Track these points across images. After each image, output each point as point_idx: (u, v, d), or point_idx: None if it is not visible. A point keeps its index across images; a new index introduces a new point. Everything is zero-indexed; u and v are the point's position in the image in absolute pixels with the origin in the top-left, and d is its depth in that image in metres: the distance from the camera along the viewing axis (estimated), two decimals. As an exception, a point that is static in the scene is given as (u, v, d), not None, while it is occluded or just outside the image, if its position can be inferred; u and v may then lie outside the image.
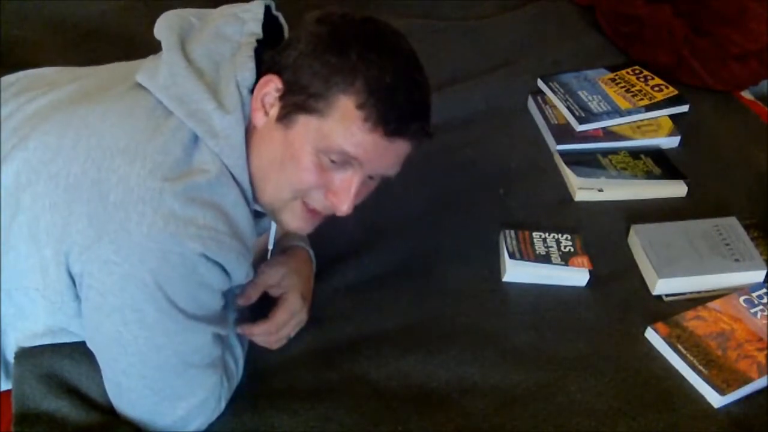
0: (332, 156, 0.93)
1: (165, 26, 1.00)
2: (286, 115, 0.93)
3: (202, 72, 0.95)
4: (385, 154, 0.94)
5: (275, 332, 1.12)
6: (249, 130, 0.96)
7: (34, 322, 1.02)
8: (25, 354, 1.05)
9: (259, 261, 1.14)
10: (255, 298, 1.12)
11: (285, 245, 1.19)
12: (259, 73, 0.96)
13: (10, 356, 1.06)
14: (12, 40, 1.80)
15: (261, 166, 0.96)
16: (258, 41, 0.98)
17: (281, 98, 0.94)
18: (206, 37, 0.99)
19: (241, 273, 0.97)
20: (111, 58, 1.14)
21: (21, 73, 1.13)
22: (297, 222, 1.01)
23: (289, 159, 0.94)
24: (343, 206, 0.96)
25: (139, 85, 0.97)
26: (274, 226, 1.11)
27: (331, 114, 0.91)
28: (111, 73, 1.07)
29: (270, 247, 1.14)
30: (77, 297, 0.95)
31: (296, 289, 1.13)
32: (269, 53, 0.97)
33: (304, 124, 0.93)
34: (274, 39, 1.00)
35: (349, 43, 0.91)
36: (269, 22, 1.02)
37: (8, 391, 1.06)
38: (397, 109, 0.92)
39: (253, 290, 1.11)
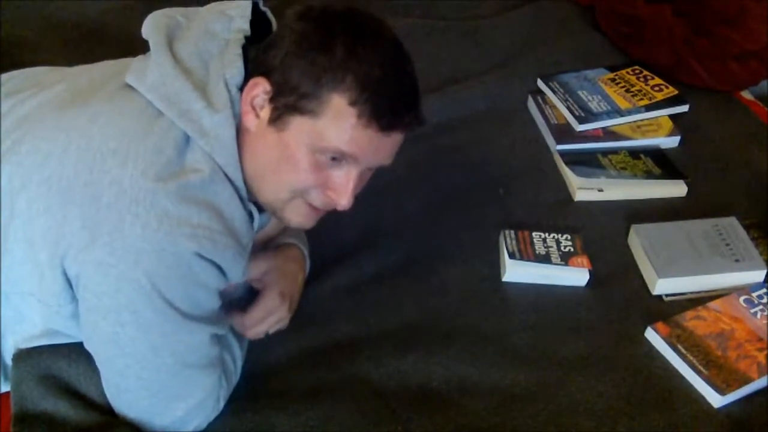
0: (328, 154, 0.93)
1: (152, 26, 1.00)
2: (278, 117, 0.93)
3: (191, 71, 0.95)
4: (380, 148, 0.94)
5: (249, 327, 1.10)
6: (242, 132, 0.96)
7: (31, 326, 1.02)
8: (23, 355, 1.05)
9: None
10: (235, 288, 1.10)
11: (279, 242, 1.19)
12: (248, 70, 0.95)
13: (9, 359, 1.06)
14: (12, 40, 1.79)
15: (257, 167, 0.96)
16: (246, 38, 0.98)
17: (271, 100, 0.93)
18: (194, 35, 0.98)
19: (237, 271, 0.97)
20: (111, 59, 1.13)
21: (13, 73, 1.13)
22: (299, 219, 1.01)
23: (285, 161, 0.94)
24: (343, 201, 0.97)
25: (129, 86, 0.96)
26: None
27: (324, 113, 0.91)
28: (99, 72, 1.06)
29: None
30: (74, 299, 0.95)
31: (275, 286, 1.11)
32: (254, 52, 0.96)
33: (298, 125, 0.92)
34: (263, 35, 0.99)
35: (335, 39, 0.90)
36: (257, 18, 1.02)
37: (7, 393, 1.06)
38: (390, 102, 0.92)
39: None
